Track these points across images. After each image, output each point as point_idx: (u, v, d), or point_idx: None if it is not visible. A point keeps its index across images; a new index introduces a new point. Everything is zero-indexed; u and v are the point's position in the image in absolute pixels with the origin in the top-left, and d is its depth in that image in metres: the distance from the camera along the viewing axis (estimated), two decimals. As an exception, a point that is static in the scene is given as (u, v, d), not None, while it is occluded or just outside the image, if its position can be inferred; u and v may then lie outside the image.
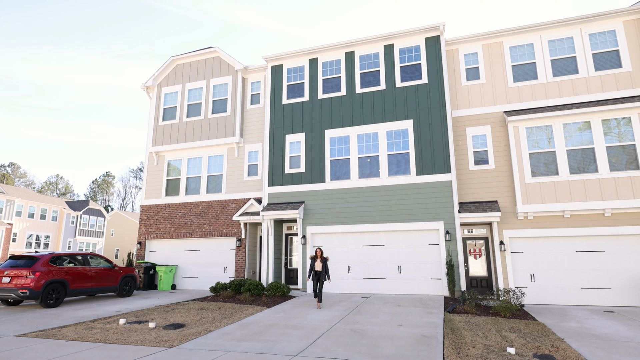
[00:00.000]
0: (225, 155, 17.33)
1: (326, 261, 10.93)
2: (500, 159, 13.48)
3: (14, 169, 73.20)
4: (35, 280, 11.18)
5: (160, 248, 17.55)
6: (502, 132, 13.70)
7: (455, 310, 9.87)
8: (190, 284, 16.55)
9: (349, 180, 14.47)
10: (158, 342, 7.20)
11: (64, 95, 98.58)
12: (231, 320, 9.16)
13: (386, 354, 6.29)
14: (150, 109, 19.21)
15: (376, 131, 14.60)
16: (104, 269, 13.42)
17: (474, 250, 13.82)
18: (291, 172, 15.36)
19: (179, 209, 17.44)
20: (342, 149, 14.91)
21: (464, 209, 13.04)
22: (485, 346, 6.70)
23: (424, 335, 7.47)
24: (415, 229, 13.32)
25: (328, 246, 14.30)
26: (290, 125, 15.88)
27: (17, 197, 39.60)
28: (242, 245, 15.93)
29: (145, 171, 18.72)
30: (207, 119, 17.81)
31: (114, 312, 10.49)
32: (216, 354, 6.42)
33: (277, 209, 14.70)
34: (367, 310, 10.10)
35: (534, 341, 7.06)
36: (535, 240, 12.59)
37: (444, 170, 13.41)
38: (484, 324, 8.43)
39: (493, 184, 13.33)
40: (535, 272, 12.33)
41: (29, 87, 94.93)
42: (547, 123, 12.92)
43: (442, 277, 12.58)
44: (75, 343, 7.25)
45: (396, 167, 14.06)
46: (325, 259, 10.95)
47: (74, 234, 45.59)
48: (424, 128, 14.04)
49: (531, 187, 12.57)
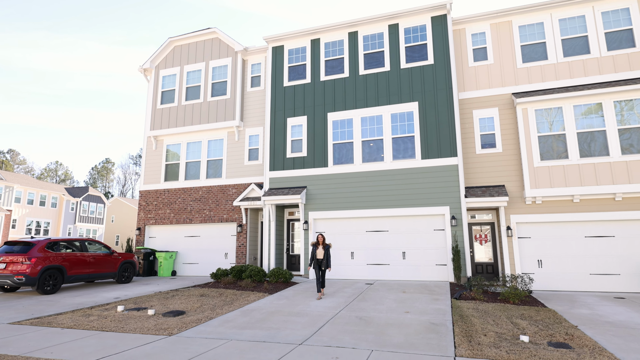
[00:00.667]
0: (225, 139, 16.92)
1: (329, 248, 10.13)
2: (508, 142, 13.09)
3: (12, 156, 72.72)
4: (31, 266, 10.93)
5: (160, 234, 17.29)
6: (510, 114, 13.27)
7: (462, 296, 9.62)
8: (190, 270, 16.35)
9: (352, 165, 14.10)
10: (157, 330, 6.95)
11: (62, 82, 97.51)
12: (232, 307, 8.92)
13: (394, 342, 6.03)
14: (148, 92, 18.73)
15: (380, 114, 14.16)
16: (103, 255, 13.16)
17: (480, 235, 13.54)
18: (293, 156, 14.98)
19: (179, 195, 17.12)
20: (345, 133, 14.50)
21: (470, 193, 12.71)
22: (497, 334, 6.44)
23: (432, 322, 7.22)
24: (420, 214, 13.01)
25: (331, 232, 14.02)
26: (292, 108, 15.43)
27: (16, 184, 39.32)
28: (243, 231, 15.66)
29: (143, 156, 18.34)
30: (207, 102, 17.35)
31: (112, 299, 10.26)
32: (217, 343, 6.16)
33: (279, 194, 14.38)
34: (371, 297, 9.86)
35: (547, 329, 6.80)
36: (543, 225, 12.29)
37: (450, 154, 13.03)
38: (493, 310, 8.18)
39: (500, 168, 12.97)
40: (542, 257, 12.07)
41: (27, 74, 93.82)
42: (557, 105, 12.49)
43: (448, 263, 12.32)
44: (70, 331, 7.00)
45: (401, 151, 13.68)
46: (327, 245, 10.15)
47: (74, 221, 45.46)
48: (429, 110, 13.61)
49: (540, 171, 12.21)
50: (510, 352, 5.47)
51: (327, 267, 9.96)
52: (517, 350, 5.59)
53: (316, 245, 10.24)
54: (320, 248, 10.10)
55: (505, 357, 5.28)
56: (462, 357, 5.33)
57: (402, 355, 5.39)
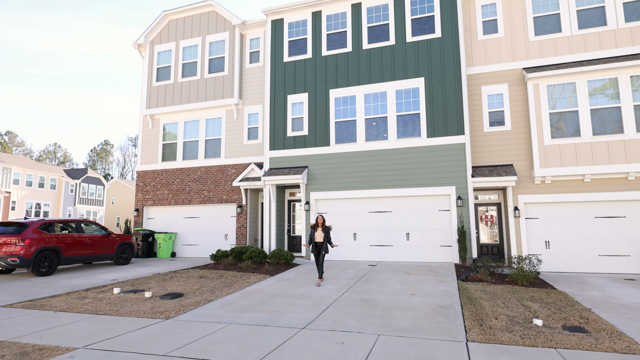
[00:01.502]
0: (224, 117, 16.41)
1: (329, 231, 9.20)
2: (518, 119, 12.59)
3: (11, 138, 72.09)
4: (25, 247, 10.62)
5: (159, 215, 16.99)
6: (521, 90, 12.73)
7: (469, 278, 9.34)
8: (190, 252, 16.11)
9: (355, 144, 13.64)
10: (153, 314, 6.67)
11: (60, 63, 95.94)
12: (232, 289, 8.65)
13: (402, 326, 5.74)
14: (143, 69, 18.11)
15: (384, 90, 13.61)
16: (100, 237, 12.86)
17: (486, 216, 13.20)
18: (293, 135, 14.50)
19: (177, 175, 16.73)
20: (348, 110, 13.99)
21: (477, 173, 12.30)
22: (509, 317, 6.15)
23: (440, 305, 6.93)
24: (425, 194, 12.63)
25: (333, 213, 13.69)
26: (292, 85, 14.86)
27: (14, 165, 38.93)
28: (243, 212, 15.33)
29: (140, 136, 17.85)
30: (204, 79, 16.75)
31: (109, 281, 10.00)
32: (216, 327, 5.87)
33: (279, 174, 13.97)
34: (375, 278, 9.58)
35: (560, 312, 6.51)
36: (551, 205, 11.92)
37: (457, 132, 12.55)
38: (502, 293, 7.89)
39: (509, 146, 12.51)
40: (550, 239, 11.75)
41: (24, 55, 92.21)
42: (570, 80, 11.93)
43: (453, 245, 12.02)
44: (63, 314, 6.72)
45: (406, 129, 13.20)
46: (327, 228, 9.20)
47: (73, 202, 45.27)
48: (436, 87, 13.06)
49: (550, 149, 11.76)
50: (525, 337, 5.17)
51: (327, 251, 9.06)
52: (531, 334, 5.29)
53: (315, 227, 9.33)
54: (320, 230, 9.19)
55: (520, 342, 4.98)
56: (475, 342, 5.03)
57: (410, 340, 5.09)
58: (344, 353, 4.65)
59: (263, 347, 4.88)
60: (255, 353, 4.69)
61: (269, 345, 4.95)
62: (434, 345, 4.92)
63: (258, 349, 4.82)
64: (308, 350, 4.77)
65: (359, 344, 4.99)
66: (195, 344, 5.07)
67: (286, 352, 4.73)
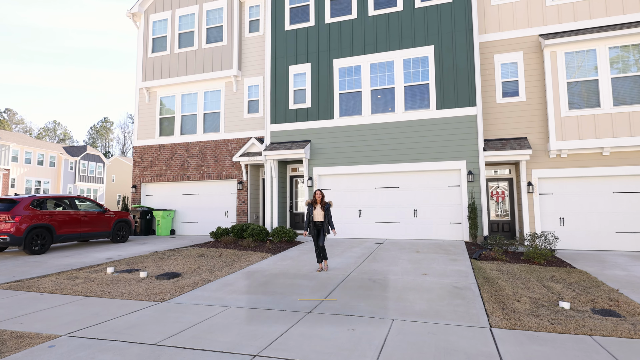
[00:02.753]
0: (223, 90, 15.65)
1: (329, 208, 7.92)
2: (533, 90, 11.84)
3: (10, 115, 71.08)
4: (15, 225, 10.16)
5: (157, 192, 16.49)
6: (537, 58, 11.92)
7: (482, 256, 8.87)
8: (189, 229, 15.69)
9: (361, 116, 12.95)
10: (147, 295, 6.21)
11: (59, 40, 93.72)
12: (233, 268, 8.20)
13: (417, 309, 5.27)
14: (138, 39, 17.20)
15: (392, 60, 12.81)
16: (95, 214, 12.39)
17: (497, 192, 12.65)
18: (296, 107, 13.79)
19: (175, 150, 16.11)
20: (353, 81, 13.22)
21: (489, 146, 11.66)
22: (532, 299, 5.67)
23: (455, 286, 6.46)
24: (434, 169, 12.04)
25: (337, 189, 13.15)
26: (294, 55, 14.04)
27: (12, 142, 38.30)
28: (243, 188, 14.80)
29: (136, 109, 17.14)
30: (201, 50, 15.90)
31: (104, 260, 9.57)
32: (214, 310, 5.41)
33: (281, 149, 13.35)
34: (383, 257, 9.11)
35: (586, 293, 6.03)
36: (566, 180, 11.34)
37: (468, 103, 11.84)
38: (519, 272, 7.41)
39: (523, 118, 11.82)
40: (565, 215, 11.23)
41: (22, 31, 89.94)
42: (590, 47, 11.13)
43: (463, 221, 11.52)
44: (50, 296, 6.28)
45: (414, 101, 12.48)
46: (327, 204, 7.93)
47: (73, 180, 44.85)
48: (446, 55, 12.25)
49: (567, 121, 11.08)
50: (554, 322, 4.69)
51: (329, 232, 7.86)
52: (560, 319, 4.82)
53: (312, 204, 8.00)
54: (318, 208, 7.91)
55: (550, 328, 4.50)
56: (499, 327, 4.56)
57: (428, 326, 4.62)
58: (355, 342, 4.18)
59: (265, 335, 4.42)
60: (257, 342, 4.22)
61: (271, 333, 4.48)
62: (455, 332, 4.45)
63: (260, 337, 4.36)
64: (316, 338, 4.30)
65: (371, 330, 4.52)
66: (191, 330, 4.61)
67: (291, 340, 4.26)
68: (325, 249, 7.90)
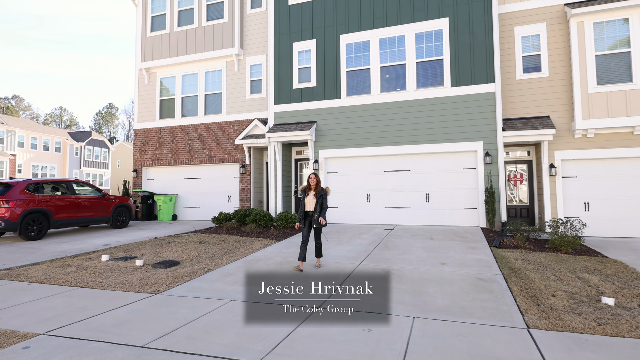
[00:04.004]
0: (224, 70, 14.91)
1: (324, 196, 6.45)
2: (556, 64, 10.98)
3: (17, 102, 70.84)
4: (9, 210, 9.69)
5: (158, 176, 15.96)
6: (561, 30, 11.02)
7: (503, 244, 8.24)
8: (192, 215, 15.19)
9: (369, 95, 12.20)
10: (141, 287, 5.69)
11: (63, 27, 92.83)
12: (234, 256, 7.66)
13: (439, 305, 4.68)
14: (137, 18, 16.44)
15: (403, 34, 11.96)
16: (94, 198, 11.90)
17: (514, 175, 11.94)
18: (300, 87, 13.05)
19: (176, 133, 15.51)
20: (361, 58, 12.42)
21: (508, 126, 10.89)
22: (568, 294, 5.06)
23: (478, 277, 5.85)
24: (447, 151, 11.32)
25: (344, 172, 12.51)
26: (298, 31, 13.22)
27: (18, 128, 38.01)
28: (246, 172, 14.21)
29: (135, 91, 16.48)
30: (202, 28, 15.11)
31: (100, 246, 9.08)
32: (213, 304, 4.87)
33: (285, 130, 12.68)
34: (395, 244, 8.52)
35: (628, 287, 5.39)
36: (592, 162, 10.58)
37: (485, 79, 11.03)
38: (547, 262, 6.78)
39: (545, 95, 11.00)
40: (590, 200, 10.51)
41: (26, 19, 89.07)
42: (622, 15, 10.21)
43: (479, 206, 10.85)
44: (38, 287, 5.78)
45: (426, 78, 11.69)
46: (322, 191, 6.49)
47: (79, 165, 44.64)
48: (462, 28, 11.38)
49: (595, 97, 10.26)
50: (602, 323, 4.08)
51: (318, 224, 6.35)
52: (607, 318, 4.20)
53: (306, 190, 6.63)
54: (311, 195, 6.50)
55: (599, 330, 3.89)
56: (538, 328, 3.96)
57: (455, 326, 4.03)
58: (373, 346, 3.60)
59: (269, 335, 3.86)
60: (259, 344, 3.66)
61: (276, 333, 3.92)
62: (487, 333, 3.85)
63: (263, 338, 3.80)
64: (327, 341, 3.73)
65: (390, 331, 3.94)
66: (185, 329, 4.06)
67: (298, 343, 3.69)
68: (320, 244, 6.59)
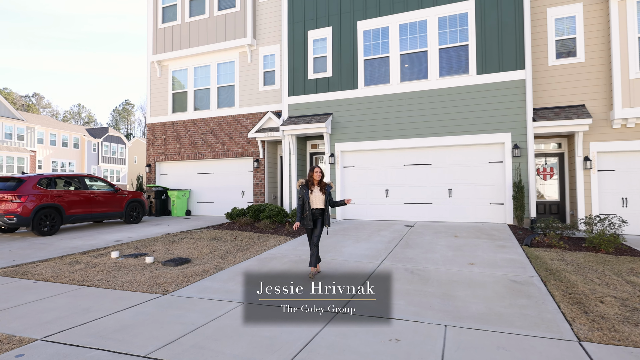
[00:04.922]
0: (237, 61, 14.53)
1: (330, 192, 5.77)
2: (593, 48, 10.20)
3: (38, 99, 72.39)
4: (22, 205, 9.54)
5: (171, 171, 15.76)
6: (600, 10, 10.21)
7: (535, 243, 7.65)
8: (205, 210, 14.94)
9: (388, 85, 11.64)
10: (149, 286, 5.36)
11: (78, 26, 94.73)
12: (248, 254, 7.29)
13: (473, 312, 4.19)
14: (148, 9, 16.18)
15: (424, 18, 11.34)
16: (107, 193, 11.73)
17: (544, 169, 11.24)
18: (315, 77, 12.57)
19: (188, 127, 15.24)
20: (379, 45, 11.85)
21: (539, 116, 10.20)
22: (618, 300, 4.49)
23: (512, 280, 5.32)
24: (472, 143, 10.70)
25: (362, 166, 12.01)
26: (313, 19, 12.71)
27: (37, 125, 38.67)
28: (260, 167, 13.84)
29: (148, 85, 16.28)
30: (213, 18, 14.74)
31: (112, 242, 8.85)
32: (223, 307, 4.49)
33: (300, 123, 12.24)
34: (417, 242, 8.02)
35: (686, 291, 4.80)
36: (632, 155, 9.82)
37: (515, 66, 10.34)
38: (587, 263, 6.19)
39: (580, 82, 10.24)
40: (628, 195, 9.77)
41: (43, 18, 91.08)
42: (666, -4, 9.37)
43: (506, 202, 10.22)
44: (44, 285, 5.51)
45: (450, 65, 11.05)
46: (327, 186, 5.76)
47: (97, 161, 45.24)
48: (489, 10, 10.69)
49: (636, 84, 9.48)
50: (667, 336, 3.52)
51: (329, 223, 5.72)
52: (670, 330, 3.64)
53: (308, 185, 5.73)
54: (317, 191, 5.68)
55: (666, 345, 3.35)
56: (591, 341, 3.43)
57: (495, 337, 3.54)
58: (403, 359, 3.15)
59: (285, 345, 3.45)
60: (274, 356, 3.25)
61: (292, 342, 3.51)
62: (532, 346, 3.35)
63: (278, 348, 3.39)
64: (350, 353, 3.30)
65: (421, 341, 3.48)
66: (192, 336, 3.69)
67: (318, 355, 3.27)
68: (318, 247, 5.65)
